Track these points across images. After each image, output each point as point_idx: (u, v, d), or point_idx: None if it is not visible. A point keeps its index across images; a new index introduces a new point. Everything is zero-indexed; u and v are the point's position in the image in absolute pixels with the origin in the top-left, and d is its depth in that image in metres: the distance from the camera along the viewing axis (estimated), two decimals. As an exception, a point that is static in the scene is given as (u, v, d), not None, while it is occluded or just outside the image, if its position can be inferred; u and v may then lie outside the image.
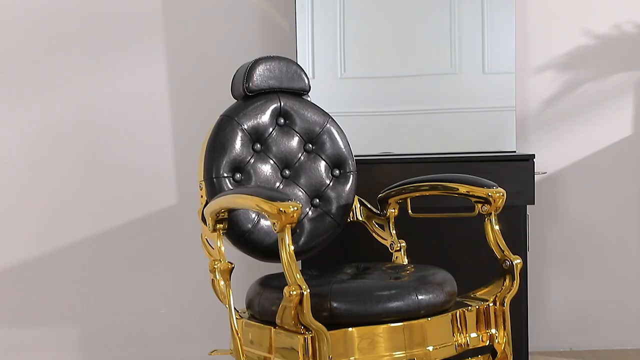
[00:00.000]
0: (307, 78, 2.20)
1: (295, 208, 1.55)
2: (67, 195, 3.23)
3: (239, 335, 1.79)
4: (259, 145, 2.07)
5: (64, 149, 3.22)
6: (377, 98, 2.98)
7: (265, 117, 2.09)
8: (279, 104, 2.12)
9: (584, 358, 3.18)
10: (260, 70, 2.11)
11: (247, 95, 2.10)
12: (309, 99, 2.24)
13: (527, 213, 2.87)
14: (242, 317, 1.83)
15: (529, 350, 2.94)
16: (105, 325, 3.28)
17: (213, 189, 1.95)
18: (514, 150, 2.96)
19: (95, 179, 3.23)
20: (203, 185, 1.98)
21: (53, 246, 3.25)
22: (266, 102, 2.10)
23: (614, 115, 3.20)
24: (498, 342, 1.79)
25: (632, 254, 3.28)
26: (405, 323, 1.66)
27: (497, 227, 1.84)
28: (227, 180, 1.97)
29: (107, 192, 3.24)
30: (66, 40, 3.16)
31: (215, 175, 1.97)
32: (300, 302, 1.54)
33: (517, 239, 2.79)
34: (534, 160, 2.80)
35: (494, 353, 1.80)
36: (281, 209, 1.54)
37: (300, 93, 2.19)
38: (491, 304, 1.80)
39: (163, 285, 3.28)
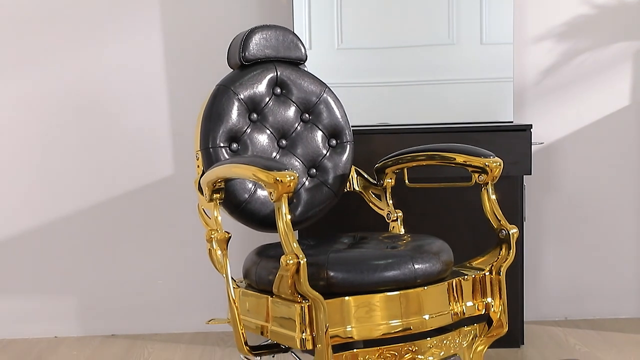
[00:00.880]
0: (304, 47, 2.18)
1: (292, 177, 1.54)
2: (63, 165, 3.23)
3: (236, 304, 1.79)
4: (255, 115, 2.06)
5: (60, 121, 3.20)
6: (374, 69, 2.96)
7: (261, 87, 2.08)
8: (275, 73, 2.11)
9: (579, 327, 3.20)
10: (256, 39, 2.09)
11: (244, 64, 2.08)
12: (305, 68, 2.22)
13: (524, 183, 2.88)
14: (239, 287, 1.84)
15: (524, 320, 2.97)
16: (102, 295, 3.29)
17: (209, 159, 1.95)
18: (511, 120, 2.95)
19: (91, 149, 3.22)
20: (199, 155, 1.98)
21: (49, 217, 3.26)
22: (262, 72, 2.09)
23: (612, 85, 3.19)
24: (494, 310, 1.80)
25: (628, 225, 3.29)
26: (401, 292, 1.67)
27: (493, 197, 1.84)
28: (223, 150, 1.97)
29: (103, 162, 3.23)
30: (62, 10, 3.14)
31: (212, 145, 1.96)
32: (297, 271, 1.54)
33: (513, 209, 2.80)
34: (531, 130, 2.80)
35: (489, 322, 1.81)
36: (278, 178, 1.54)
37: (296, 62, 2.18)
38: (487, 273, 1.81)
39: (160, 256, 3.29)
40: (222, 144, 1.97)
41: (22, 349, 3.14)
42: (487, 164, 1.82)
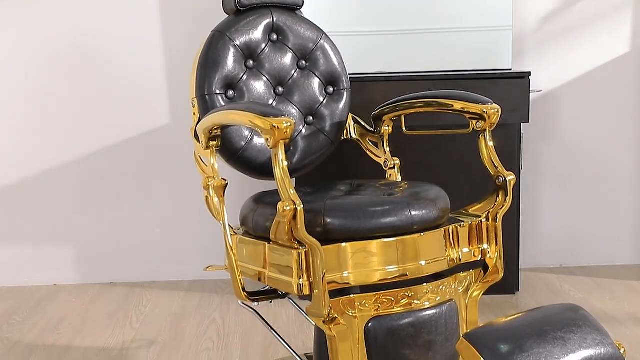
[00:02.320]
0: (300, -8, 2.14)
1: (289, 124, 1.53)
2: (61, 115, 3.22)
3: (234, 251, 1.80)
4: (251, 62, 2.04)
5: (55, 69, 3.18)
6: (372, 17, 2.93)
7: (257, 33, 2.05)
8: (271, 19, 2.07)
9: (574, 274, 3.23)
10: (252, -17, 2.05)
11: (239, 10, 2.05)
12: (302, 14, 2.19)
13: (522, 131, 2.88)
14: (236, 234, 1.84)
15: (519, 267, 2.99)
16: (101, 243, 3.31)
17: (205, 106, 1.93)
18: (510, 68, 2.93)
19: (87, 99, 3.21)
20: (195, 103, 1.96)
21: (48, 166, 3.25)
22: (258, 17, 2.06)
23: (612, 32, 3.16)
24: (490, 257, 1.81)
25: (624, 173, 3.30)
26: (398, 238, 1.67)
27: (491, 144, 1.83)
28: (219, 97, 1.95)
29: (100, 111, 3.22)
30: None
31: (208, 92, 1.94)
32: (294, 217, 1.54)
33: (510, 157, 2.80)
34: (530, 78, 2.78)
35: (485, 268, 1.82)
36: (274, 124, 1.53)
37: (293, 8, 2.14)
38: (484, 220, 1.81)
39: (157, 204, 3.30)
40: (218, 91, 1.95)
41: (22, 297, 3.17)
42: (485, 110, 1.81)
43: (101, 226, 3.31)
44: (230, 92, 1.98)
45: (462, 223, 1.80)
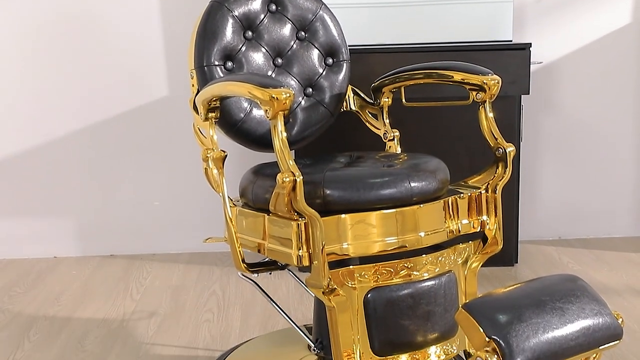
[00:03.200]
0: (299, -39, 2.12)
1: (288, 94, 1.53)
2: (58, 88, 3.20)
3: (233, 223, 1.80)
4: (250, 33, 2.02)
5: (52, 42, 3.16)
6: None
7: (256, 4, 2.03)
8: (270, -11, 2.05)
9: (573, 246, 3.24)
10: (250, -47, 2.03)
11: (238, -20, 2.03)
12: (300, -16, 2.17)
13: (522, 103, 2.87)
14: (235, 206, 1.84)
15: (518, 239, 3.00)
16: (100, 216, 3.32)
17: (204, 77, 1.92)
18: (510, 39, 2.91)
19: (85, 71, 3.19)
20: (194, 74, 1.95)
21: (46, 139, 3.25)
22: (257, -13, 2.04)
23: (613, 3, 3.14)
24: (489, 228, 1.81)
25: (624, 146, 3.29)
26: (397, 210, 1.67)
27: (491, 115, 1.83)
28: (218, 68, 1.94)
29: (98, 84, 3.20)
30: None
31: (207, 64, 1.93)
32: (294, 188, 1.54)
33: (510, 129, 2.79)
34: (530, 49, 2.76)
35: (484, 239, 1.83)
36: (273, 95, 1.52)
37: (292, -22, 2.12)
38: (483, 192, 1.81)
39: (156, 177, 3.30)
40: (216, 62, 1.94)
41: (22, 269, 3.18)
42: (485, 81, 1.80)
43: (101, 199, 3.31)
44: (229, 64, 1.97)
45: (462, 194, 1.79)
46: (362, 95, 2.18)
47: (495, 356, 1.30)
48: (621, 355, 2.14)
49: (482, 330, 1.33)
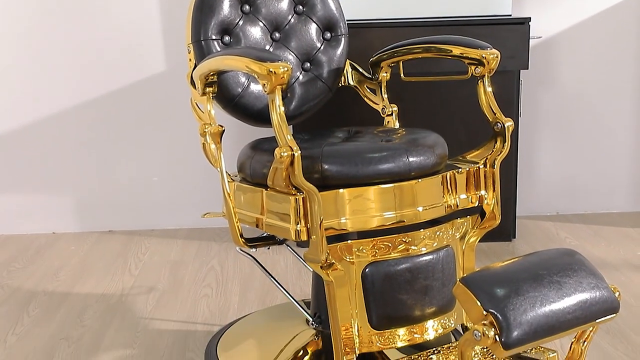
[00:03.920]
0: None
1: (286, 69, 1.52)
2: (55, 62, 3.18)
3: (231, 197, 1.80)
4: (247, 7, 2.01)
5: (49, 15, 3.13)
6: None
7: (253, -23, 2.01)
8: (267, -38, 2.04)
9: (570, 221, 3.25)
10: None
11: (235, -47, 2.01)
12: (298, -42, 2.15)
13: (520, 78, 2.85)
14: (234, 181, 1.84)
15: (516, 215, 3.01)
16: (98, 192, 3.32)
17: (201, 51, 1.91)
18: (510, 13, 2.89)
19: (83, 45, 3.17)
20: (191, 48, 1.94)
21: (44, 115, 3.24)
22: (254, -40, 2.02)
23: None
24: (487, 203, 1.81)
25: (622, 121, 3.29)
26: (395, 184, 1.67)
27: (489, 90, 1.82)
28: (215, 42, 1.93)
29: (96, 59, 3.19)
30: None
31: (204, 38, 1.92)
32: (292, 163, 1.54)
33: (509, 104, 2.79)
34: (530, 24, 2.75)
35: (482, 214, 1.83)
36: (271, 69, 1.51)
37: (289, -49, 2.10)
38: (481, 166, 1.81)
39: (155, 152, 3.30)
40: (214, 37, 1.92)
41: (21, 245, 3.19)
42: (484, 55, 1.79)
43: (99, 175, 3.31)
44: (226, 38, 1.96)
45: (460, 169, 1.79)
46: (361, 70, 2.17)
47: (493, 329, 1.31)
48: (618, 329, 2.15)
49: (479, 303, 1.33)
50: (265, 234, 1.83)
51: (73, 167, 3.29)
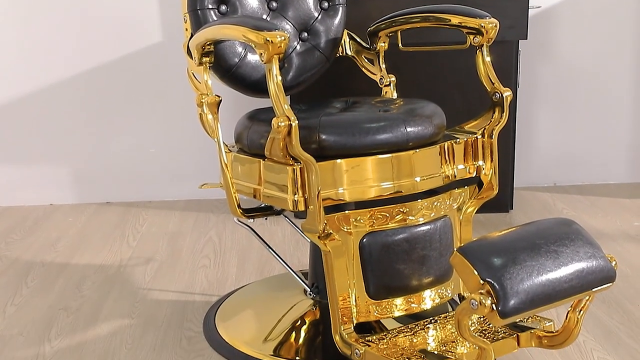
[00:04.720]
0: None
1: (283, 38, 1.51)
2: (51, 34, 3.16)
3: (229, 168, 1.80)
4: (244, -24, 1.99)
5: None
6: None
7: (250, -55, 1.99)
8: None
9: (568, 192, 3.26)
10: None
11: None
12: None
13: (519, 48, 2.84)
14: (231, 151, 1.84)
15: (514, 186, 3.01)
16: (95, 164, 3.31)
17: (198, 21, 1.90)
18: (509, -18, 2.86)
19: (78, 16, 3.14)
20: (187, 18, 1.92)
21: (40, 86, 3.22)
22: None
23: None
24: (485, 173, 1.81)
25: (620, 93, 3.28)
26: (393, 155, 1.67)
27: (488, 59, 1.81)
28: (212, 12, 1.91)
29: (92, 29, 3.16)
30: None
31: (200, 7, 1.90)
32: (289, 133, 1.54)
33: (507, 74, 2.77)
34: (529, -7, 2.72)
35: (480, 184, 1.83)
36: (268, 38, 1.50)
37: None
38: (479, 137, 1.81)
39: (151, 123, 3.28)
40: (210, 6, 1.91)
41: (19, 216, 3.19)
42: (482, 24, 1.78)
43: (96, 146, 3.30)
44: (223, 7, 1.94)
45: (458, 140, 1.79)
46: (358, 40, 2.16)
47: (490, 298, 1.31)
48: (614, 299, 2.16)
49: (476, 273, 1.33)
50: (262, 205, 1.83)
51: (70, 139, 3.28)
